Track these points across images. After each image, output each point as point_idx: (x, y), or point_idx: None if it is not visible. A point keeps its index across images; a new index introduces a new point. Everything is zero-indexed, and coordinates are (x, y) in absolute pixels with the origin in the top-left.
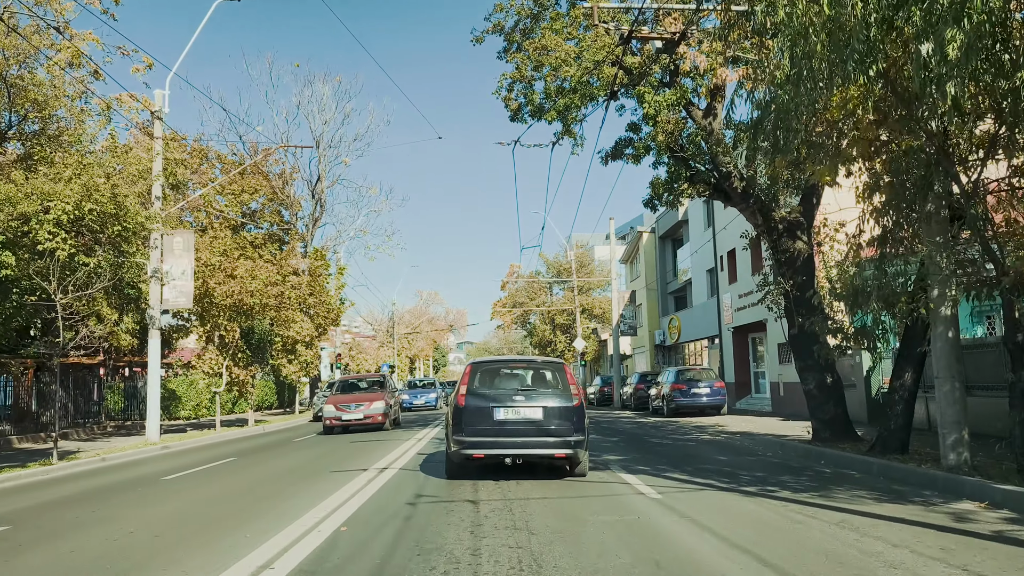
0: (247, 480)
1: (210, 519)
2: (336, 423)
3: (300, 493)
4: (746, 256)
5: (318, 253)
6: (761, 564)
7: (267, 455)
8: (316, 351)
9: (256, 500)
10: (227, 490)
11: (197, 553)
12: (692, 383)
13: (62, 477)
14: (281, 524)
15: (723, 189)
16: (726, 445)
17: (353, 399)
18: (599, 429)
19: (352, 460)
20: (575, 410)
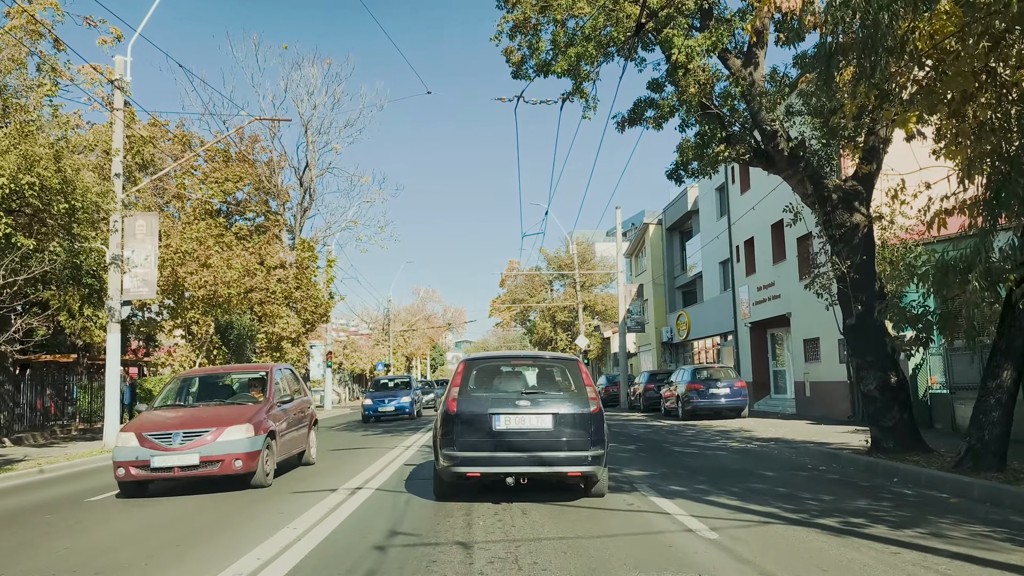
0: (192, 500)
1: (112, 567)
2: None
3: (247, 523)
4: (766, 245)
5: (305, 244)
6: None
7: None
8: (304, 348)
9: (189, 533)
10: (162, 516)
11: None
12: (710, 383)
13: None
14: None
15: (766, 152)
16: (764, 456)
17: None
18: (611, 435)
19: (324, 474)
20: (593, 418)
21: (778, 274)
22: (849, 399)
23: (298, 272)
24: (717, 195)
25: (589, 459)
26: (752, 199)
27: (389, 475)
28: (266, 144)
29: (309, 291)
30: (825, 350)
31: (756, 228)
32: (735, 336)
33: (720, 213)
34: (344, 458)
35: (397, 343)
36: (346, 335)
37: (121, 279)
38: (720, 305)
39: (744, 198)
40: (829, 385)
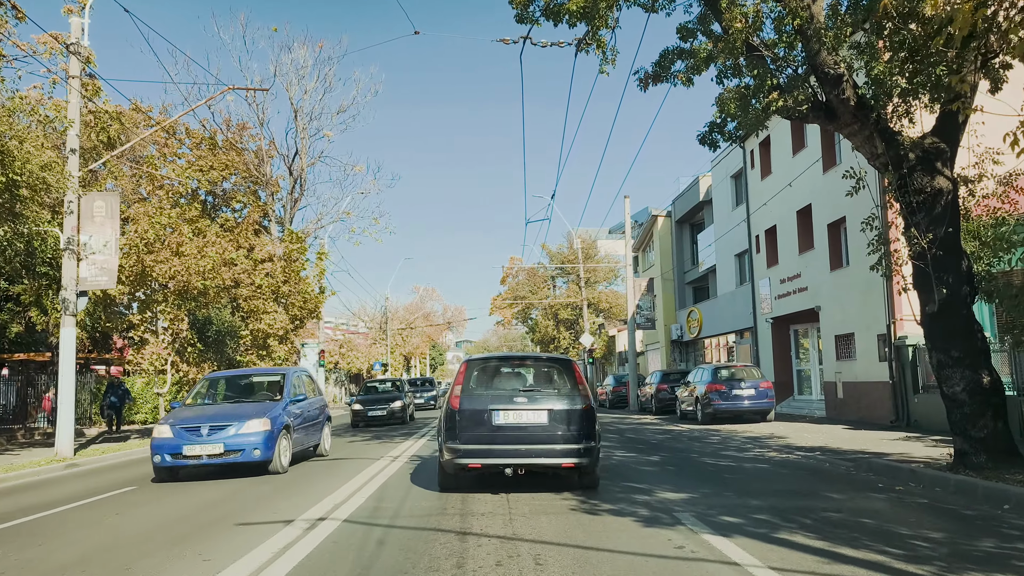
0: (115, 531)
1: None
2: None
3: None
4: (791, 233)
5: (293, 235)
6: None
7: (183, 481)
8: (292, 346)
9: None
10: (76, 550)
11: None
12: (733, 383)
13: None
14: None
15: (827, 103)
16: (816, 470)
17: None
18: (626, 442)
19: (290, 492)
20: (585, 414)
21: (805, 264)
22: (891, 401)
23: (286, 265)
24: (732, 183)
25: (581, 451)
26: (775, 184)
27: (365, 498)
28: (255, 132)
29: (298, 285)
30: (861, 347)
31: (779, 215)
32: (754, 333)
33: (736, 202)
34: (319, 471)
35: (395, 342)
36: (342, 334)
37: (77, 267)
38: (736, 300)
39: (765, 184)
40: (866, 386)
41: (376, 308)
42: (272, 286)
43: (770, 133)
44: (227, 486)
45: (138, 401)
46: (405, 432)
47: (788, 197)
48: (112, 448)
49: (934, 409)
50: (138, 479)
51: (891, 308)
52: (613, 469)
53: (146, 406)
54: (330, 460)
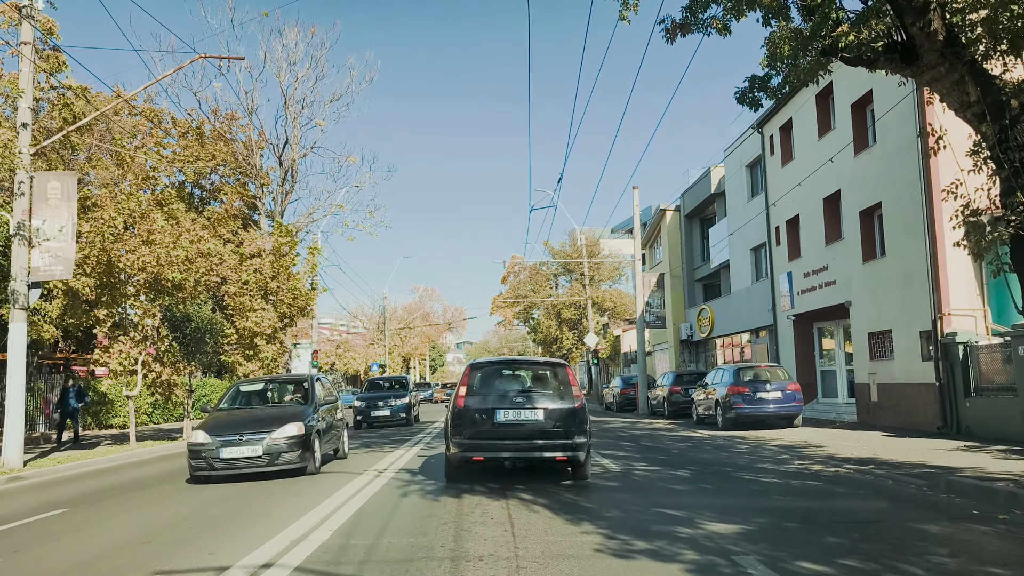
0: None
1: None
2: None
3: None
4: (816, 223)
5: (283, 228)
6: None
7: (128, 501)
8: (281, 346)
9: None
10: None
11: None
12: (757, 385)
13: None
14: None
15: (906, 41)
16: (882, 490)
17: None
18: (644, 451)
19: (242, 523)
20: (577, 412)
21: (832, 256)
22: (937, 405)
23: (275, 260)
24: (748, 173)
25: (574, 445)
26: (797, 171)
27: (331, 532)
28: (244, 123)
29: (288, 281)
30: (901, 345)
31: (803, 204)
32: (774, 331)
33: (752, 193)
34: (276, 495)
35: (393, 343)
36: (339, 334)
37: (28, 255)
38: (752, 297)
39: (786, 171)
40: (906, 388)
41: (374, 308)
42: (260, 282)
43: (792, 116)
44: (191, 502)
45: (115, 405)
46: (397, 440)
47: (813, 184)
48: (75, 457)
49: (990, 414)
50: (77, 498)
51: (937, 301)
52: (638, 487)
53: (124, 410)
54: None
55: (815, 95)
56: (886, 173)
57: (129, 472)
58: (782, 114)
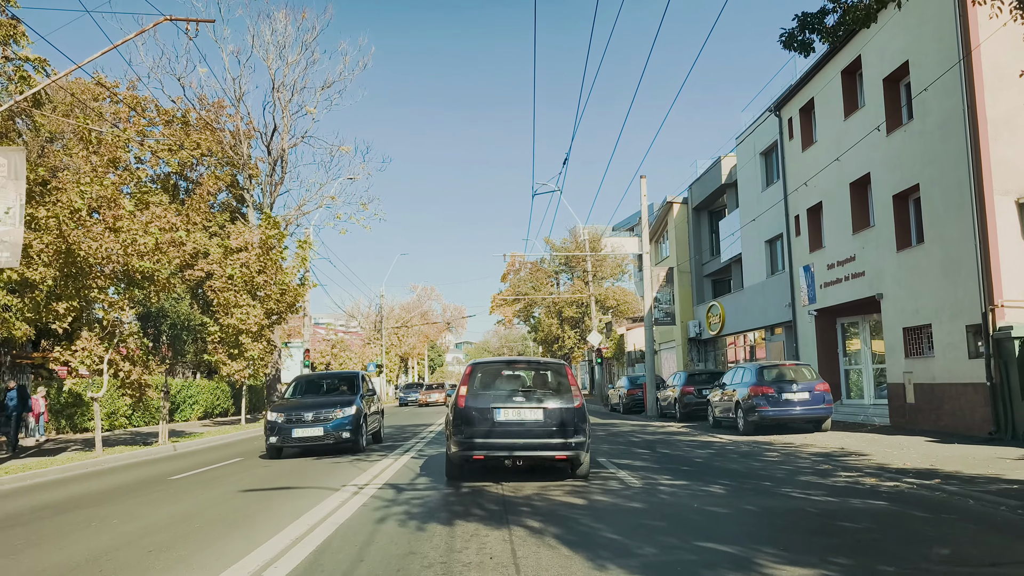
0: None
1: None
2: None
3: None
4: (842, 210)
5: (270, 220)
6: None
7: (61, 526)
8: (268, 344)
9: None
10: None
11: None
12: (783, 385)
13: None
14: None
15: None
16: (968, 513)
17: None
18: (663, 460)
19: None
20: (576, 411)
21: (861, 245)
22: (988, 408)
23: (262, 253)
24: (762, 161)
25: (573, 444)
26: (820, 155)
27: None
28: (232, 112)
29: (275, 276)
30: (942, 341)
31: (826, 190)
32: (792, 328)
33: (767, 181)
34: (225, 514)
35: (390, 342)
36: (334, 334)
37: None
38: (767, 292)
39: (807, 156)
40: (950, 389)
41: (371, 306)
42: (246, 277)
43: (814, 96)
44: (123, 531)
45: (88, 407)
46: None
47: (838, 168)
48: (30, 466)
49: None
50: (13, 516)
51: (987, 291)
52: (669, 510)
53: (101, 412)
54: (257, 492)
55: (840, 71)
56: (925, 152)
57: (74, 486)
58: (802, 94)
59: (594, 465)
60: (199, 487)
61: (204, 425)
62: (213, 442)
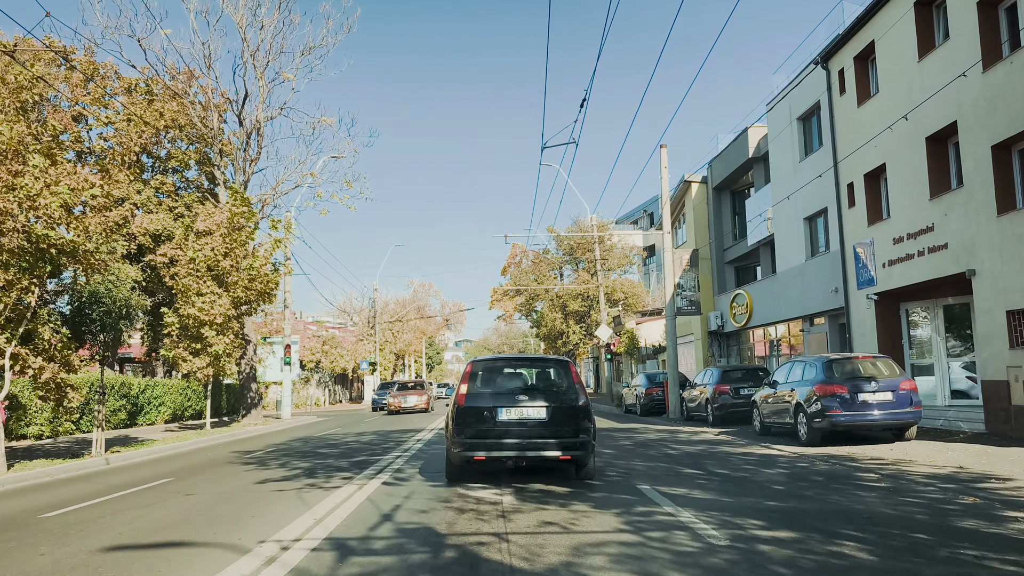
0: None
1: None
2: None
3: None
4: (915, 171)
5: (238, 196)
6: None
7: None
8: (236, 339)
9: None
10: None
11: None
12: (859, 383)
13: None
14: None
15: None
16: None
17: None
18: (728, 487)
19: None
20: (581, 410)
21: (942, 212)
22: None
23: (227, 233)
24: (800, 127)
25: (578, 444)
26: (884, 108)
27: None
28: (204, 83)
29: (244, 260)
30: None
31: (892, 150)
32: (845, 315)
33: (806, 150)
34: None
35: (385, 338)
36: (325, 330)
37: None
38: (807, 276)
39: (865, 112)
40: None
41: (363, 301)
42: (209, 260)
43: (874, 39)
44: None
45: (27, 411)
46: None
47: (911, 121)
48: None
49: None
50: None
51: None
52: None
53: (41, 416)
54: (124, 552)
55: (914, 2)
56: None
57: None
58: (859, 39)
59: (636, 496)
60: (52, 540)
61: (167, 430)
62: (161, 452)
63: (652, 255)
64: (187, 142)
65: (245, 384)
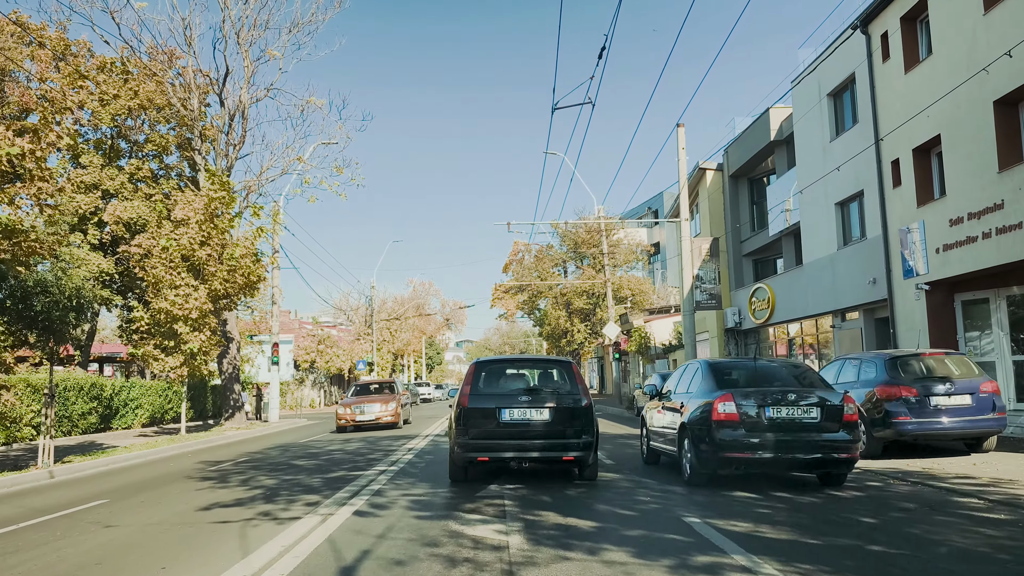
0: None
1: None
2: None
3: None
4: (980, 142)
5: (216, 179)
6: None
7: None
8: (213, 336)
9: None
10: None
11: None
12: (930, 385)
13: None
14: None
15: None
16: None
17: None
18: (802, 523)
19: None
20: (584, 411)
21: (1016, 187)
22: None
23: (204, 220)
24: (831, 104)
25: (581, 445)
26: (938, 73)
27: None
28: (185, 64)
29: (222, 250)
30: None
31: (949, 119)
32: (889, 308)
33: (838, 128)
34: None
35: (382, 337)
36: (320, 329)
37: None
38: (838, 267)
39: (914, 79)
40: None
41: (361, 299)
42: (183, 250)
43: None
44: None
45: None
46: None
47: (974, 84)
48: None
49: None
50: None
51: None
52: None
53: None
54: None
55: None
56: None
57: None
58: None
59: (687, 535)
60: None
61: (142, 435)
62: (120, 462)
63: (657, 253)
64: (165, 123)
65: (228, 385)
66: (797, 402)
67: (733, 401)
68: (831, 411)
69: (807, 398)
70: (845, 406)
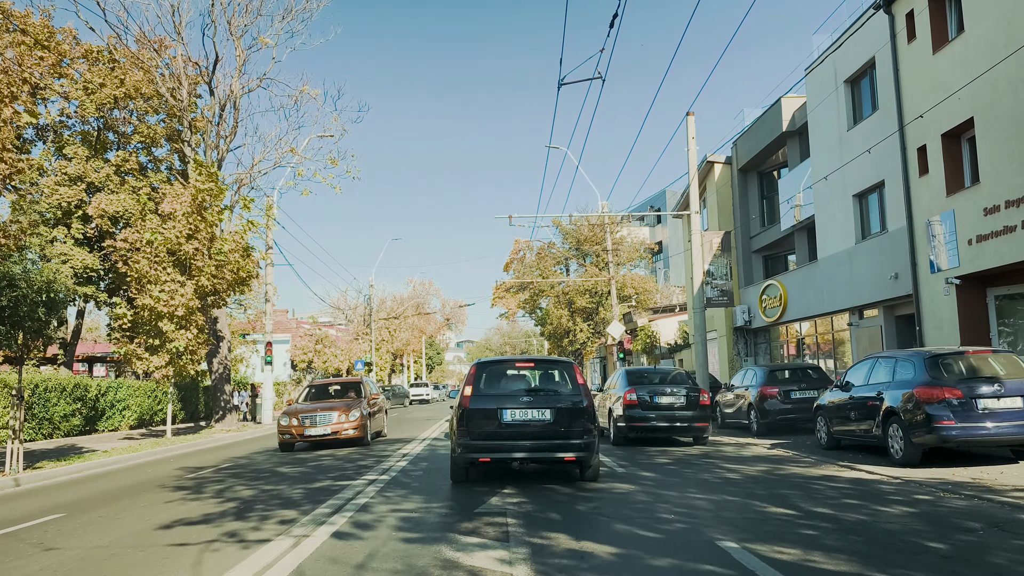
0: None
1: None
2: None
3: None
4: (1013, 122)
5: (202, 169)
6: None
7: None
8: (200, 334)
9: None
10: None
11: None
12: (975, 386)
13: None
14: None
15: None
16: None
17: None
18: (851, 545)
19: None
20: (585, 411)
21: None
22: None
23: (191, 212)
24: (848, 91)
25: (582, 445)
26: (970, 51)
27: None
28: (174, 53)
29: (211, 244)
30: None
31: (983, 100)
32: (915, 304)
33: (856, 116)
34: None
35: (381, 337)
36: (318, 328)
37: None
38: (856, 262)
39: (943, 60)
40: None
41: (359, 298)
42: (169, 243)
43: None
44: None
45: None
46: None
47: (1012, 62)
48: None
49: None
50: None
51: None
52: None
53: None
54: None
55: None
56: None
57: None
58: None
59: (727, 567)
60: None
61: (128, 437)
62: (93, 469)
63: (660, 252)
64: (153, 114)
65: (218, 386)
66: (673, 392)
67: (635, 392)
68: (692, 398)
69: (678, 389)
70: (700, 396)
